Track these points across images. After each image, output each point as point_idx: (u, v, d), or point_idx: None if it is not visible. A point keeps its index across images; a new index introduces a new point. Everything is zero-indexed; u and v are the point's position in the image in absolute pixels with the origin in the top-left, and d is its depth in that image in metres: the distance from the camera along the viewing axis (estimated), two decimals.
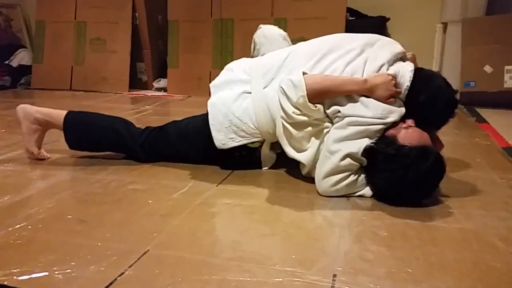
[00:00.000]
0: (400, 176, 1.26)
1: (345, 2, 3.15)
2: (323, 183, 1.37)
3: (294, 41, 3.36)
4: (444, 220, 1.23)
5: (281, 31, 1.87)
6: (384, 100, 1.36)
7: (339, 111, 1.38)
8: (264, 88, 1.53)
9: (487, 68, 2.95)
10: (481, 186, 1.49)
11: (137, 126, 1.75)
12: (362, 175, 1.38)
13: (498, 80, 2.92)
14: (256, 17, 3.34)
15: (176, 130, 1.67)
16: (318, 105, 1.38)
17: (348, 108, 1.37)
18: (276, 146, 1.61)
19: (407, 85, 1.40)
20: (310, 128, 1.40)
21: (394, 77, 1.39)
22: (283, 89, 1.38)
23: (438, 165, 1.28)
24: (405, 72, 1.42)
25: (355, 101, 1.37)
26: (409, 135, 1.32)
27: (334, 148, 1.35)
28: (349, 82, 1.38)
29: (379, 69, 1.42)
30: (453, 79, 3.07)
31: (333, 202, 1.35)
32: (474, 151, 1.91)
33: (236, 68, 1.63)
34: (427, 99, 1.40)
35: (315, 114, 1.38)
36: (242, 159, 1.61)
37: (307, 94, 1.34)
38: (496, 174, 1.61)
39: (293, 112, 1.37)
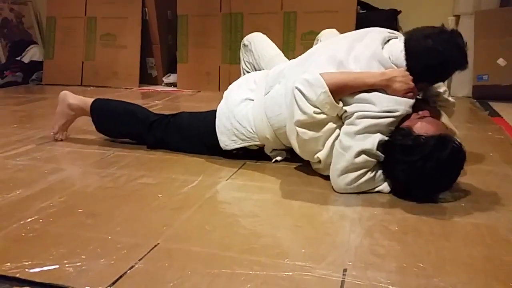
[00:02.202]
0: (420, 167, 1.22)
1: None
2: (339, 181, 1.35)
3: (304, 35, 3.33)
4: (456, 215, 1.21)
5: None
6: (401, 95, 1.34)
7: (345, 111, 1.35)
8: (264, 95, 1.57)
9: (501, 61, 2.90)
10: (494, 180, 1.47)
11: None
12: (380, 171, 1.35)
13: (511, 74, 2.87)
14: (265, 11, 3.32)
15: (188, 120, 1.75)
16: (340, 103, 1.35)
17: (354, 107, 1.34)
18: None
19: (405, 65, 1.38)
20: (328, 127, 1.36)
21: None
22: (300, 90, 1.33)
23: (458, 153, 1.24)
24: (396, 52, 1.39)
25: (360, 99, 1.34)
26: (425, 125, 1.30)
27: (348, 144, 1.32)
28: (366, 75, 1.35)
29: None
30: (466, 72, 3.02)
31: (344, 197, 1.34)
32: (487, 145, 1.88)
33: (249, 78, 1.74)
34: (424, 62, 1.37)
35: (335, 111, 1.34)
36: (244, 157, 1.67)
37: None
38: (510, 168, 1.58)
39: (314, 112, 1.32)
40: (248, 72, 2.01)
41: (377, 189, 1.36)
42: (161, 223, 1.17)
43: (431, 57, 1.36)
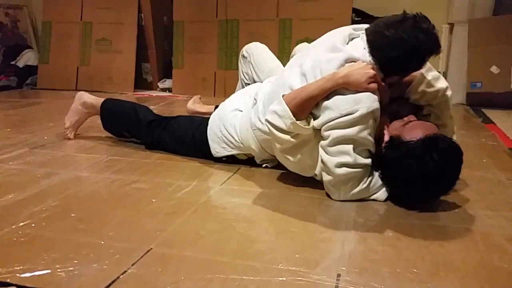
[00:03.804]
0: (418, 171, 1.20)
1: (350, 2, 3.14)
2: (331, 194, 1.36)
3: (300, 42, 3.35)
4: (450, 221, 1.22)
5: None
6: (366, 85, 1.26)
7: (313, 126, 1.34)
8: (252, 108, 1.58)
9: (494, 69, 2.93)
10: (487, 187, 1.47)
11: None
12: (375, 179, 1.34)
13: (504, 81, 2.90)
14: (261, 18, 3.34)
15: (185, 124, 1.79)
16: (310, 121, 1.34)
17: (319, 119, 1.33)
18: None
19: (370, 59, 1.32)
20: (309, 144, 1.36)
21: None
22: (270, 122, 1.33)
23: (451, 149, 1.22)
24: (359, 50, 1.33)
25: (324, 108, 1.31)
26: (412, 129, 1.28)
27: (324, 158, 1.33)
28: (322, 81, 1.31)
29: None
30: (460, 80, 3.06)
31: (339, 202, 1.34)
32: (481, 152, 1.89)
33: (246, 91, 1.76)
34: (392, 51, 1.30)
35: (308, 131, 1.33)
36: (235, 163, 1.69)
37: (294, 115, 1.29)
38: (503, 175, 1.59)
39: (291, 137, 1.32)
40: (246, 82, 2.02)
41: (372, 197, 1.35)
42: (154, 228, 1.16)
43: (397, 47, 1.29)
